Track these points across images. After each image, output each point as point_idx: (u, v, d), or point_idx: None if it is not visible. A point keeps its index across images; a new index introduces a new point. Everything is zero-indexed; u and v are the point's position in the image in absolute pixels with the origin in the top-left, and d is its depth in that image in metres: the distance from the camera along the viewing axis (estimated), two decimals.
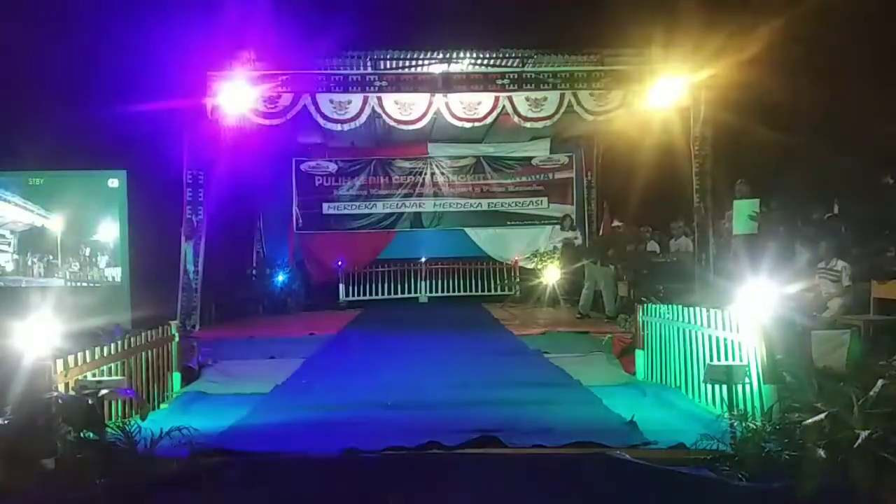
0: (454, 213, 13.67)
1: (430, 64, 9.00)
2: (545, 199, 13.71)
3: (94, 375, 4.87)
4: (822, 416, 3.71)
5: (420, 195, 13.63)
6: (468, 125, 9.64)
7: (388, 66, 9.04)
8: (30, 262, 9.70)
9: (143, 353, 5.80)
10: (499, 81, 9.12)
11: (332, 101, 9.08)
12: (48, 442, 3.88)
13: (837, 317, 6.74)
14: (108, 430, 4.12)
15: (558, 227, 12.56)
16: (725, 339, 5.14)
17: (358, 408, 5.36)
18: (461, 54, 8.93)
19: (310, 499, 3.87)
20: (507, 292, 13.20)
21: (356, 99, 9.10)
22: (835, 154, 8.56)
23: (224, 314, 10.23)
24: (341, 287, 13.24)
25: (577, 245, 11.80)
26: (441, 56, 8.91)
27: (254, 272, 12.45)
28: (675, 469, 3.83)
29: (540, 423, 4.72)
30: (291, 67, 8.78)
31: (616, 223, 11.20)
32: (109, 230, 9.75)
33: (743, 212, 8.27)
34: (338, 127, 9.25)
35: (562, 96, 9.19)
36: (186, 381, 6.63)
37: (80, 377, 4.68)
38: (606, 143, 12.80)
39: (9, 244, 9.65)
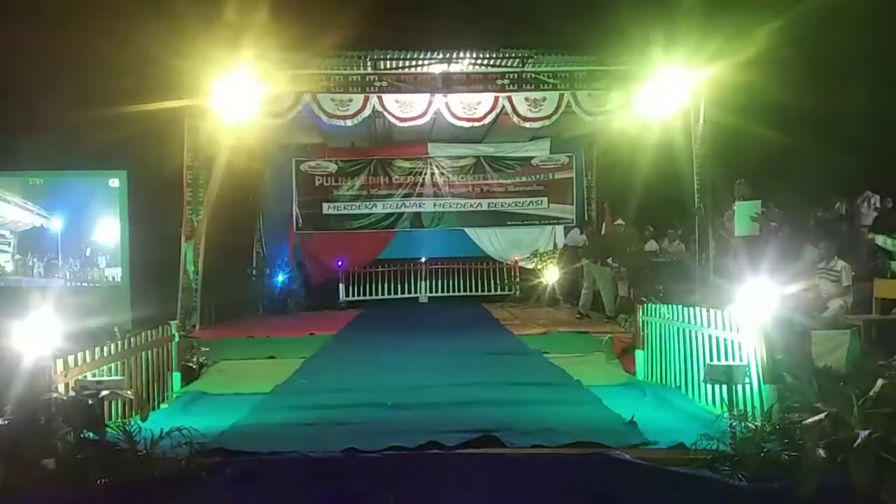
0: (454, 213, 13.69)
1: (430, 64, 9.00)
2: (545, 199, 13.71)
3: (94, 375, 4.86)
4: (822, 416, 3.70)
5: (420, 195, 13.64)
6: (468, 125, 9.66)
7: (388, 66, 9.04)
8: (30, 262, 9.69)
9: (143, 353, 5.79)
10: (498, 81, 9.13)
11: (333, 100, 9.11)
12: (48, 442, 3.87)
13: (837, 317, 6.73)
14: (108, 430, 4.10)
15: (576, 229, 12.49)
16: (725, 339, 5.13)
17: (358, 408, 5.35)
18: (461, 54, 8.93)
19: (309, 499, 3.87)
20: (507, 292, 13.20)
21: (357, 97, 9.13)
22: (834, 154, 8.57)
23: (224, 314, 10.22)
24: (341, 287, 13.25)
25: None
26: (441, 56, 8.91)
27: (254, 272, 12.46)
28: (675, 469, 3.82)
29: (540, 423, 4.70)
30: (291, 67, 8.79)
31: (619, 221, 11.22)
32: (109, 230, 9.75)
33: (744, 213, 8.28)
34: (341, 122, 9.27)
35: (560, 96, 9.19)
36: (186, 381, 6.62)
37: (80, 377, 4.66)
38: (606, 143, 12.80)
39: (9, 244, 9.64)
